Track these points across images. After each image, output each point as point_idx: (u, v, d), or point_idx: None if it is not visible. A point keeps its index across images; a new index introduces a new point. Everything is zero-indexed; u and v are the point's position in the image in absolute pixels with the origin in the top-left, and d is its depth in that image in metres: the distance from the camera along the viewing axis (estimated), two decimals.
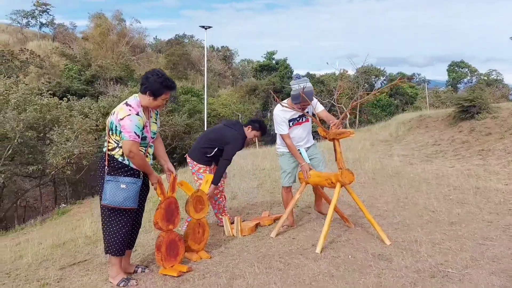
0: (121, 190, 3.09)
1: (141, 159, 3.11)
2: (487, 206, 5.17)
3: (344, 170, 3.86)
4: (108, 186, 3.09)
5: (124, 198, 3.09)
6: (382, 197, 5.96)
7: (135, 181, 3.15)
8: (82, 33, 43.27)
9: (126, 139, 3.01)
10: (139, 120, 3.06)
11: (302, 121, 4.36)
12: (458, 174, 7.44)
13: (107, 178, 3.11)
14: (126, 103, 3.12)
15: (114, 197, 3.07)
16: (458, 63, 50.06)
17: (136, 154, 3.05)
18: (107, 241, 3.23)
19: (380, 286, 2.94)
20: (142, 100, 3.16)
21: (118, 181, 3.10)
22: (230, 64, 49.24)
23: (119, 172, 3.13)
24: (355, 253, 3.62)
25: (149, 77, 3.14)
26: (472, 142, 10.30)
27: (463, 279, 3.01)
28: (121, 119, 3.03)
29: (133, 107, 3.08)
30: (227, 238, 4.37)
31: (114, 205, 3.09)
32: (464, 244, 3.78)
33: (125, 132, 3.01)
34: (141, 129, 3.09)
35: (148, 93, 3.12)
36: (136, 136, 3.03)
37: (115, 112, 3.11)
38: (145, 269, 3.53)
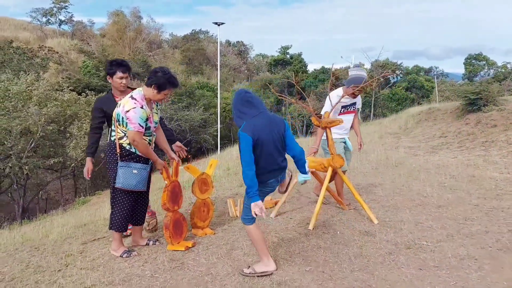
0: (134, 175, 3.50)
1: (145, 147, 3.48)
2: (477, 192, 5.48)
3: (335, 155, 4.25)
4: (121, 171, 3.48)
5: (137, 182, 3.53)
6: (381, 184, 6.30)
7: (145, 167, 3.58)
8: (100, 30, 44.23)
9: (131, 129, 3.37)
10: (143, 113, 3.40)
11: (350, 111, 4.87)
12: (458, 164, 7.71)
13: (120, 164, 3.50)
14: (131, 97, 3.45)
15: (127, 181, 3.49)
16: (476, 56, 49.39)
17: (140, 143, 3.42)
18: (111, 218, 3.71)
19: (360, 255, 3.34)
20: (146, 92, 3.48)
21: (130, 166, 3.50)
22: (245, 59, 49.63)
23: (128, 158, 3.52)
24: (343, 230, 4.02)
25: (157, 72, 3.47)
26: (477, 134, 10.50)
27: (434, 250, 3.38)
28: (127, 111, 3.37)
29: (138, 101, 3.41)
30: (231, 218, 4.80)
31: (128, 188, 3.51)
32: (445, 223, 4.13)
33: (130, 123, 3.37)
34: (145, 120, 3.44)
35: (153, 86, 3.43)
36: (140, 127, 3.39)
37: (121, 104, 3.45)
38: (156, 242, 4.00)
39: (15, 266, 3.83)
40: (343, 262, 3.24)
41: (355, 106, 4.92)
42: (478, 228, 3.96)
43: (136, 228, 3.96)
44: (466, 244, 3.51)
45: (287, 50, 46.52)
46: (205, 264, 3.41)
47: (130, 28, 40.97)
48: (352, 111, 4.92)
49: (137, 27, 41.80)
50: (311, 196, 5.63)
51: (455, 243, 3.54)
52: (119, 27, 39.66)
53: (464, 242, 3.56)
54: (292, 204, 5.25)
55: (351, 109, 4.89)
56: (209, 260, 3.49)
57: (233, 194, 6.01)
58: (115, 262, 3.67)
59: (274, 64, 44.77)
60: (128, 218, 3.77)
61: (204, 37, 49.28)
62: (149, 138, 3.61)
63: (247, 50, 50.94)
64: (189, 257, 3.60)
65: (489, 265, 3.10)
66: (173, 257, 3.62)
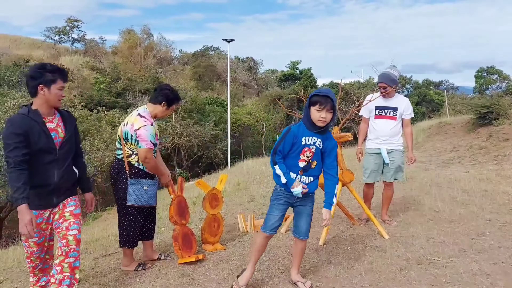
0: (144, 192, 3.55)
1: (155, 163, 3.57)
2: (490, 206, 5.42)
3: (345, 170, 4.26)
4: (132, 188, 3.52)
5: (148, 197, 3.59)
6: (392, 200, 6.26)
7: (153, 183, 3.66)
8: (112, 48, 45.09)
9: (143, 147, 3.41)
10: (153, 130, 3.48)
11: (386, 115, 4.67)
12: (470, 179, 7.65)
13: (131, 182, 3.53)
14: (140, 115, 3.50)
15: (139, 198, 3.54)
16: (488, 69, 49.08)
17: (151, 159, 3.49)
18: (122, 236, 3.71)
19: (371, 271, 3.32)
20: (154, 109, 3.58)
21: (140, 183, 3.54)
22: (254, 74, 50.01)
23: (138, 175, 3.57)
24: (354, 245, 4.00)
25: (164, 89, 3.63)
26: (489, 148, 10.41)
27: (446, 265, 3.35)
28: (137, 129, 3.41)
29: (147, 118, 3.48)
30: (241, 233, 4.81)
31: (140, 205, 3.57)
32: (457, 238, 4.10)
33: (141, 141, 3.41)
34: (154, 136, 3.50)
35: (163, 103, 3.57)
36: (152, 144, 3.46)
37: (129, 122, 3.50)
38: (167, 257, 4.02)
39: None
40: (354, 277, 3.23)
41: (396, 111, 4.63)
42: (491, 243, 3.91)
43: (147, 242, 4.00)
44: (479, 259, 3.47)
45: (296, 65, 46.80)
46: (216, 280, 3.42)
47: (141, 46, 41.68)
48: (391, 117, 4.64)
49: (148, 45, 42.52)
50: (320, 211, 5.61)
51: (468, 258, 3.50)
52: (130, 45, 40.40)
53: (476, 257, 3.53)
54: None
55: (390, 113, 4.65)
56: (219, 275, 3.50)
57: (244, 209, 6.02)
58: (127, 277, 3.69)
59: (284, 79, 45.04)
60: (139, 234, 3.81)
61: (215, 53, 49.88)
62: (154, 155, 3.66)
63: (256, 65, 51.36)
64: (200, 272, 3.61)
65: (502, 281, 3.06)
66: (183, 272, 3.64)
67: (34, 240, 2.86)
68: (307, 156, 2.91)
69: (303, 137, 2.89)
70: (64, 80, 2.84)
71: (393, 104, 4.64)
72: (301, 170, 2.95)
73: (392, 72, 4.58)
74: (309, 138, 2.90)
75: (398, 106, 4.64)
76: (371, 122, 4.79)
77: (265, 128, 30.62)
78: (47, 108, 2.78)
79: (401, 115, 4.66)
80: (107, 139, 16.47)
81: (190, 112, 24.78)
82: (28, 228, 2.59)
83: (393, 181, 4.77)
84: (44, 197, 2.82)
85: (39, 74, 2.73)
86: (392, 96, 4.67)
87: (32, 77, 2.72)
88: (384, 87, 4.59)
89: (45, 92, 2.73)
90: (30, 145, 2.66)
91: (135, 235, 3.73)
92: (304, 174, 2.96)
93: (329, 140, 2.96)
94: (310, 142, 2.90)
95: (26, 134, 2.66)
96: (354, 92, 31.07)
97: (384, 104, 4.66)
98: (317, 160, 2.95)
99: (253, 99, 41.96)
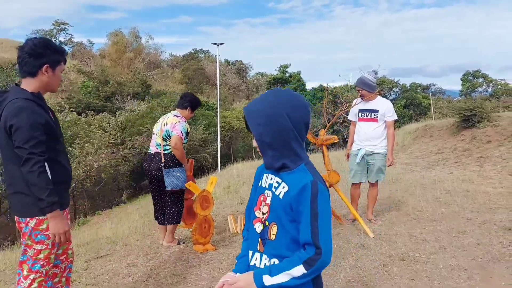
0: (177, 177, 4.27)
1: (182, 152, 4.25)
2: (470, 206, 5.63)
3: (331, 171, 4.41)
4: (167, 176, 4.24)
5: (182, 181, 4.29)
6: (378, 200, 6.43)
7: (183, 169, 4.35)
8: (99, 51, 44.88)
9: (175, 134, 4.19)
10: (185, 126, 4.32)
11: (368, 118, 4.86)
12: (453, 179, 7.86)
13: (166, 171, 4.24)
14: (175, 116, 4.37)
15: (175, 183, 4.25)
16: (473, 73, 49.94)
17: (179, 147, 4.20)
18: (175, 215, 4.41)
19: (355, 267, 3.47)
20: (182, 113, 4.44)
21: (173, 171, 4.27)
22: (244, 78, 50.18)
23: (171, 165, 4.28)
24: (340, 244, 4.15)
25: (187, 96, 4.51)
26: (472, 150, 10.67)
27: (427, 261, 3.52)
28: (174, 124, 4.25)
29: (181, 117, 4.37)
30: (231, 234, 4.93)
31: (176, 188, 4.26)
32: (438, 236, 4.27)
33: (175, 131, 4.21)
34: (186, 132, 4.31)
35: (188, 108, 4.45)
36: (182, 135, 4.22)
37: (168, 123, 4.31)
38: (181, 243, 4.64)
39: None
40: (339, 274, 3.37)
41: (377, 113, 4.79)
42: (470, 240, 4.10)
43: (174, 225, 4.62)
44: (458, 255, 3.65)
45: (286, 69, 47.10)
46: (207, 279, 3.54)
47: (129, 49, 41.57)
48: (372, 119, 4.80)
49: (136, 47, 42.42)
50: None
51: (447, 254, 3.68)
52: (118, 48, 40.27)
53: (455, 254, 3.70)
54: None
55: (371, 116, 4.81)
56: (210, 274, 3.62)
57: (234, 211, 6.14)
58: (119, 278, 3.79)
59: (273, 83, 45.25)
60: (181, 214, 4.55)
61: (204, 57, 49.96)
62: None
63: (246, 69, 51.56)
64: (191, 272, 3.73)
65: (479, 275, 3.23)
66: (175, 272, 3.75)
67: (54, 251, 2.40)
68: (262, 212, 1.55)
69: (263, 175, 1.60)
70: (65, 62, 2.50)
71: (373, 107, 4.83)
72: (260, 243, 1.54)
73: (367, 76, 4.79)
74: (267, 176, 1.57)
75: (379, 108, 4.80)
76: (356, 125, 4.97)
77: None
78: (43, 92, 2.42)
79: (383, 117, 4.82)
80: (96, 143, 16.44)
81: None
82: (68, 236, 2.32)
83: (375, 182, 4.94)
84: (63, 195, 2.42)
85: (46, 52, 2.33)
86: (373, 99, 4.85)
87: (36, 55, 2.31)
88: (359, 91, 4.83)
89: (48, 74, 2.36)
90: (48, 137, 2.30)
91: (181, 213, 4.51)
92: (263, 252, 1.53)
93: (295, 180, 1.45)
94: (265, 185, 1.57)
95: (48, 124, 2.30)
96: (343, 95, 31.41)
97: (366, 107, 4.86)
98: (277, 223, 1.49)
99: (243, 102, 42.09)
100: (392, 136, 4.91)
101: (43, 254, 2.32)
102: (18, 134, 2.18)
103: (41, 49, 2.32)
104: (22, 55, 2.32)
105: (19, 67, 2.35)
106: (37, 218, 2.29)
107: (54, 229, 2.25)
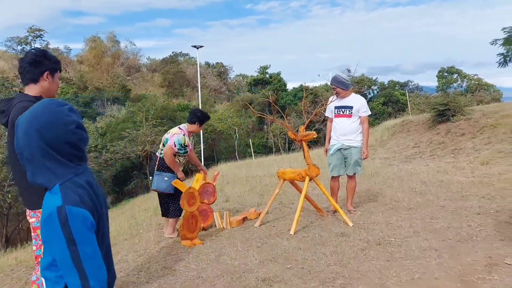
0: (164, 181, 4.64)
1: (170, 160, 4.61)
2: (444, 195, 5.94)
3: (311, 165, 4.64)
4: (156, 177, 4.68)
5: (166, 186, 4.62)
6: (357, 193, 6.70)
7: (173, 176, 4.67)
8: (77, 56, 44.39)
9: (168, 144, 4.63)
10: (182, 139, 4.67)
11: (343, 114, 5.12)
12: (429, 171, 8.21)
13: (156, 172, 4.69)
14: (179, 128, 4.79)
15: (159, 185, 4.64)
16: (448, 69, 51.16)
17: (168, 155, 4.61)
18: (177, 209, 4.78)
19: (335, 253, 3.71)
20: (190, 127, 4.84)
21: (162, 174, 4.67)
22: (225, 80, 50.33)
23: (163, 169, 4.69)
24: (321, 233, 4.38)
25: (196, 113, 4.89)
26: (447, 143, 11.11)
27: (401, 244, 3.78)
28: (173, 134, 4.70)
29: (183, 130, 4.74)
30: (218, 229, 5.11)
31: (160, 190, 4.65)
32: (413, 223, 4.55)
33: (170, 140, 4.65)
34: (181, 144, 4.65)
35: (197, 123, 4.82)
36: (174, 146, 4.62)
37: (171, 132, 4.76)
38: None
39: (14, 284, 4.05)
40: (320, 259, 3.60)
41: (351, 109, 5.04)
42: (442, 225, 4.38)
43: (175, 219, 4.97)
44: (430, 238, 3.92)
45: (266, 70, 47.43)
46: (196, 269, 3.71)
47: (107, 54, 41.27)
48: (347, 115, 5.06)
49: (115, 52, 42.15)
50: (292, 206, 5.99)
51: (420, 238, 3.94)
52: (96, 53, 39.99)
53: (428, 237, 3.97)
54: (275, 214, 5.59)
55: (346, 112, 5.07)
56: (199, 265, 3.80)
57: (219, 209, 6.32)
58: None
59: (254, 84, 45.53)
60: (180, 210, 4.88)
61: (184, 60, 49.89)
62: (182, 157, 4.85)
63: (227, 71, 51.73)
64: (180, 264, 3.90)
65: (448, 253, 3.50)
66: (165, 265, 3.91)
67: None
68: None
69: None
70: (61, 70, 2.75)
71: (348, 103, 5.10)
72: None
73: (341, 75, 5.07)
74: None
75: (353, 105, 5.07)
76: (333, 121, 5.22)
77: (237, 133, 30.97)
78: (44, 97, 2.52)
79: (357, 113, 5.08)
80: None
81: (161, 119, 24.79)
82: None
83: (353, 174, 5.19)
84: None
85: (44, 61, 2.56)
86: (348, 96, 5.12)
87: (36, 63, 2.52)
88: (334, 88, 5.10)
89: (49, 81, 2.58)
90: None
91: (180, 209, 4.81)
92: None
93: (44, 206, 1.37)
94: None
95: None
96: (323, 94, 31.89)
97: (341, 104, 5.14)
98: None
99: (224, 104, 42.24)
100: (367, 131, 5.17)
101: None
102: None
103: (41, 58, 2.54)
104: (24, 65, 2.55)
105: (22, 76, 2.57)
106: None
107: None
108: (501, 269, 3.16)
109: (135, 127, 20.18)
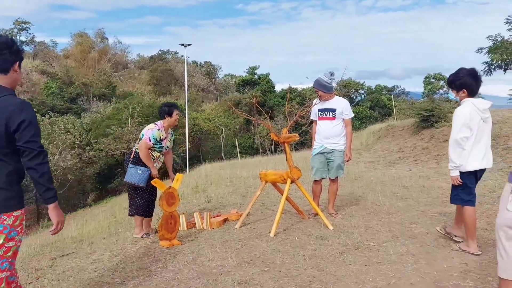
0: (138, 174, 4.71)
1: (145, 154, 4.71)
2: (425, 200, 5.98)
3: (293, 168, 4.61)
4: (129, 170, 4.72)
5: (139, 179, 4.70)
6: (340, 196, 6.71)
7: (147, 170, 4.75)
8: (63, 51, 43.71)
9: (142, 138, 4.75)
10: (157, 133, 4.75)
11: (326, 116, 5.10)
12: (411, 176, 8.28)
13: (130, 165, 4.73)
14: (155, 123, 4.86)
15: (133, 178, 4.70)
16: (435, 75, 51.79)
17: (142, 149, 4.71)
18: (134, 206, 4.83)
19: (314, 256, 3.68)
20: (163, 122, 4.87)
21: (136, 168, 4.72)
22: (213, 79, 50.09)
23: (138, 162, 4.75)
24: (301, 236, 4.36)
25: (161, 108, 4.93)
26: (431, 148, 11.21)
27: (379, 249, 3.78)
28: (148, 129, 4.78)
29: (158, 125, 4.82)
30: (198, 230, 5.05)
31: (132, 182, 4.70)
32: (392, 227, 4.55)
33: (145, 135, 4.74)
34: (156, 138, 4.74)
35: (166, 116, 4.85)
36: (149, 140, 4.71)
37: (147, 128, 4.81)
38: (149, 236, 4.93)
39: None
40: (298, 262, 3.57)
41: (334, 112, 5.03)
42: (420, 230, 4.40)
43: (148, 219, 5.01)
44: (408, 243, 3.93)
45: (254, 71, 47.38)
46: (172, 271, 3.65)
47: (94, 49, 40.73)
48: (330, 118, 5.05)
49: (102, 48, 41.62)
50: (274, 208, 5.96)
51: (398, 243, 3.95)
52: (83, 48, 39.39)
53: (406, 242, 3.98)
54: (256, 216, 5.56)
55: (329, 114, 5.06)
56: (175, 267, 3.74)
57: (201, 209, 6.26)
58: (85, 273, 3.85)
59: (243, 84, 45.44)
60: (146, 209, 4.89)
61: (172, 58, 49.53)
62: (159, 154, 4.92)
63: (215, 70, 51.50)
64: (157, 265, 3.83)
65: (424, 259, 3.51)
66: (141, 266, 3.84)
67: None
68: None
69: None
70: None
71: (331, 106, 5.09)
72: None
73: (323, 78, 5.05)
74: None
75: (336, 107, 5.06)
76: (317, 124, 5.21)
77: (224, 133, 30.86)
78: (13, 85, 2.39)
79: (340, 115, 5.07)
80: (61, 145, 16.11)
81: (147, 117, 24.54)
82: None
83: (335, 177, 5.19)
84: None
85: (17, 50, 2.35)
86: (331, 99, 5.11)
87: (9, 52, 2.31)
88: (316, 92, 5.11)
89: (18, 72, 2.38)
90: None
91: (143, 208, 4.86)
92: None
93: None
94: None
95: None
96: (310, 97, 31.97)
97: (324, 107, 5.12)
98: None
99: (212, 104, 42.05)
100: (350, 133, 5.16)
101: (12, 251, 2.35)
102: (30, 128, 2.26)
103: (13, 47, 2.33)
104: None
105: None
106: (14, 215, 2.33)
107: (58, 217, 2.41)
108: (476, 276, 3.18)
109: (120, 124, 19.93)
